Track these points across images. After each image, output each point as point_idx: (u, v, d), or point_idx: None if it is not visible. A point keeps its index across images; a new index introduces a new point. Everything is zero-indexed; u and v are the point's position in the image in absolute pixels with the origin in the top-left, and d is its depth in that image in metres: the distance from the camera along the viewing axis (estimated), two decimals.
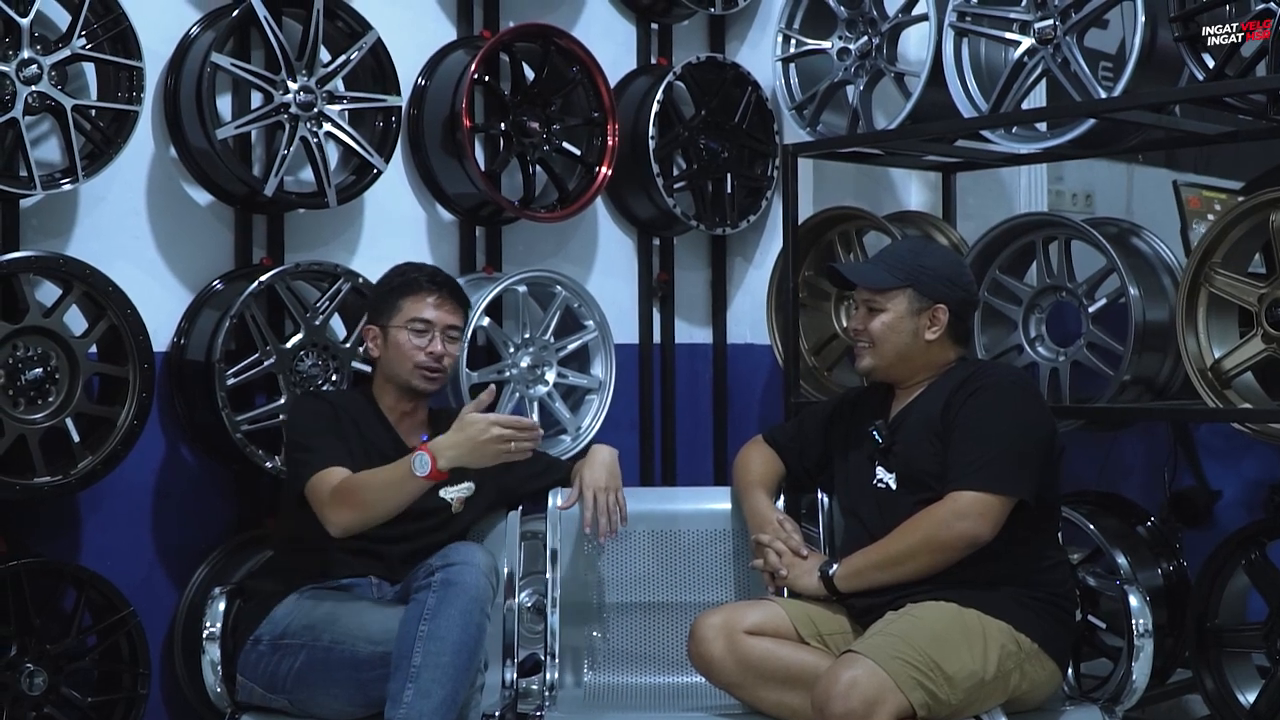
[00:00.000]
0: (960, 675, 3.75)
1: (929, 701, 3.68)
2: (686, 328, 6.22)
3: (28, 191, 4.27)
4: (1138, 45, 4.71)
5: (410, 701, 3.70)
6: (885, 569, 4.01)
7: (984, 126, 5.12)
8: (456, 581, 3.82)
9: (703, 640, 4.05)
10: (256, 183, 4.69)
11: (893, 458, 4.17)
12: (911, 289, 4.19)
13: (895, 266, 4.24)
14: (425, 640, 3.74)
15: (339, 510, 4.00)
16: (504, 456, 3.92)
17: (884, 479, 4.18)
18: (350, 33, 4.87)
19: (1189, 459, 6.30)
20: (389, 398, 4.39)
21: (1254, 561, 4.96)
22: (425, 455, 3.88)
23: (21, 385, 4.26)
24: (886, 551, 4.02)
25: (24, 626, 4.32)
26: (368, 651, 3.86)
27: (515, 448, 3.91)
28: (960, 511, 3.93)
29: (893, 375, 4.28)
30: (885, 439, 4.20)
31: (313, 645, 3.94)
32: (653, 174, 5.64)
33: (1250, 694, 4.98)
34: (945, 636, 3.81)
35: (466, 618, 3.80)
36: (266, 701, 4.04)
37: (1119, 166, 7.32)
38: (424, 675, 3.71)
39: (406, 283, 4.39)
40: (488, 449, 3.89)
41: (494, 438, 3.87)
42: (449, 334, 4.37)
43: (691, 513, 4.66)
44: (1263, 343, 4.57)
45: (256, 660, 4.04)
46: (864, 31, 5.57)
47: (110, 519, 4.70)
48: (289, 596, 4.10)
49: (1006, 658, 3.88)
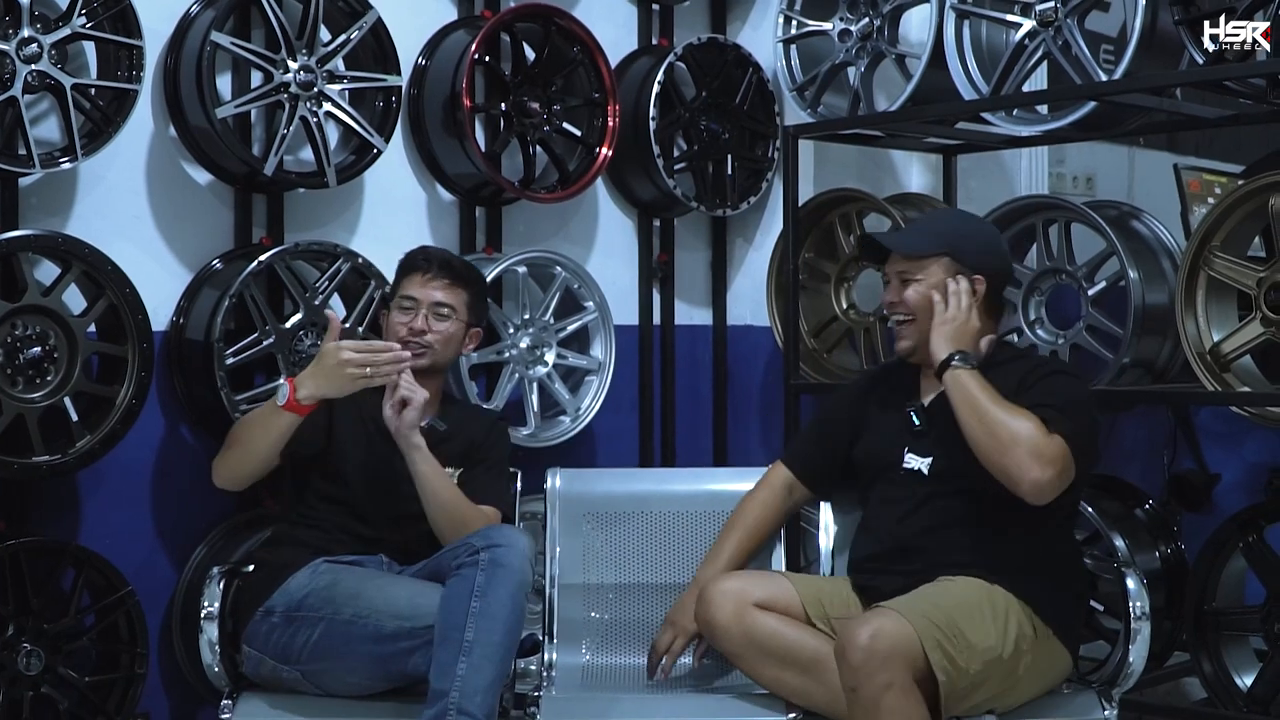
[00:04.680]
0: (981, 646, 3.75)
1: (947, 665, 3.67)
2: (686, 309, 6.21)
3: (27, 170, 4.27)
4: (1138, 28, 4.71)
5: (465, 675, 3.68)
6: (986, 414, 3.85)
7: (985, 109, 5.12)
8: (505, 563, 3.80)
9: (711, 604, 4.04)
10: (256, 162, 4.68)
11: (929, 442, 4.11)
12: (949, 257, 4.12)
13: (931, 233, 4.20)
14: (478, 617, 3.72)
15: (222, 454, 4.16)
16: (363, 382, 3.96)
17: (915, 464, 4.11)
18: (351, 12, 4.86)
19: (1189, 442, 6.31)
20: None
21: (1252, 545, 4.96)
22: (286, 385, 3.95)
23: (20, 364, 4.25)
24: (1000, 409, 3.85)
25: (22, 606, 4.32)
26: (393, 627, 3.84)
27: (372, 373, 3.95)
28: (1056, 449, 3.82)
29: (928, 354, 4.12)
30: (923, 422, 4.14)
31: (333, 618, 3.92)
32: (653, 155, 5.63)
33: (1248, 677, 4.99)
34: (972, 607, 3.82)
35: (515, 600, 3.80)
36: (276, 673, 4.02)
37: (1120, 149, 7.32)
38: (477, 650, 3.70)
39: (408, 262, 4.42)
40: (342, 374, 3.94)
41: (344, 361, 3.92)
42: (436, 310, 4.34)
43: (691, 493, 4.66)
44: (1262, 326, 4.57)
45: (269, 632, 4.02)
46: (865, 13, 5.56)
47: (109, 498, 4.69)
48: (303, 569, 4.08)
49: (1022, 638, 3.88)
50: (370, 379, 3.96)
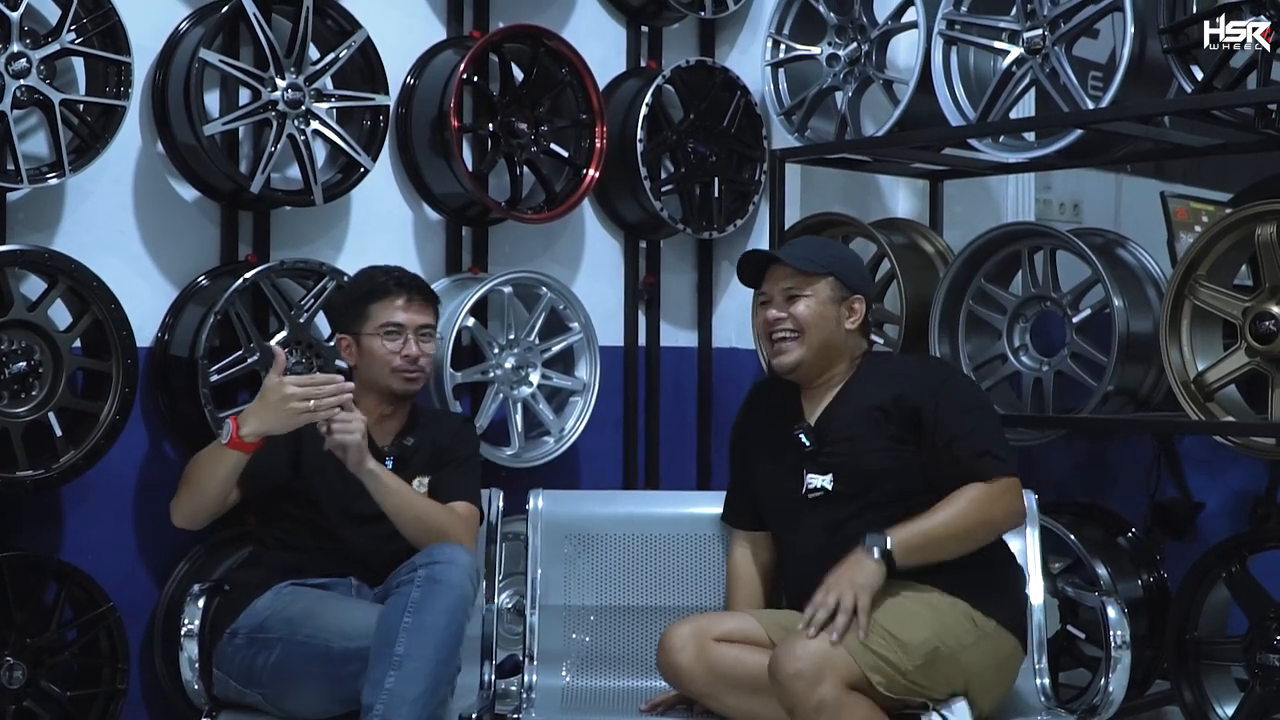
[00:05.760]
0: (915, 642, 3.78)
1: (881, 665, 3.71)
2: (672, 331, 6.21)
3: (14, 185, 4.27)
4: (1126, 56, 4.73)
5: (392, 688, 3.67)
6: (942, 545, 3.92)
7: (971, 135, 5.14)
8: (442, 579, 3.80)
9: (672, 650, 4.03)
10: (243, 179, 4.68)
11: (825, 459, 4.12)
12: (834, 277, 4.17)
13: (817, 254, 4.24)
14: (410, 631, 3.72)
15: (177, 494, 4.14)
16: (306, 417, 3.94)
17: (818, 484, 4.12)
18: (339, 31, 4.87)
19: (1172, 470, 6.31)
20: (368, 402, 4.33)
21: (1235, 575, 4.97)
22: (230, 423, 3.96)
23: (5, 379, 4.25)
24: (944, 526, 3.91)
25: (4, 619, 4.32)
26: (341, 647, 3.83)
27: (315, 406, 3.93)
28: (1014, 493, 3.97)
29: (815, 368, 4.19)
30: (813, 441, 4.15)
31: (289, 639, 3.92)
32: (640, 177, 5.62)
33: (1229, 707, 5.00)
34: (900, 607, 3.85)
35: (451, 615, 3.79)
36: (241, 696, 4.03)
37: (1108, 176, 7.34)
38: (407, 665, 3.69)
39: (374, 288, 4.38)
40: (286, 410, 3.93)
41: (287, 396, 3.91)
42: (421, 334, 4.36)
43: (674, 516, 4.66)
44: (1246, 356, 4.58)
45: (233, 653, 4.03)
46: (853, 38, 5.59)
47: (92, 514, 4.68)
48: (267, 591, 4.09)
49: (964, 634, 3.90)
50: (314, 413, 3.94)
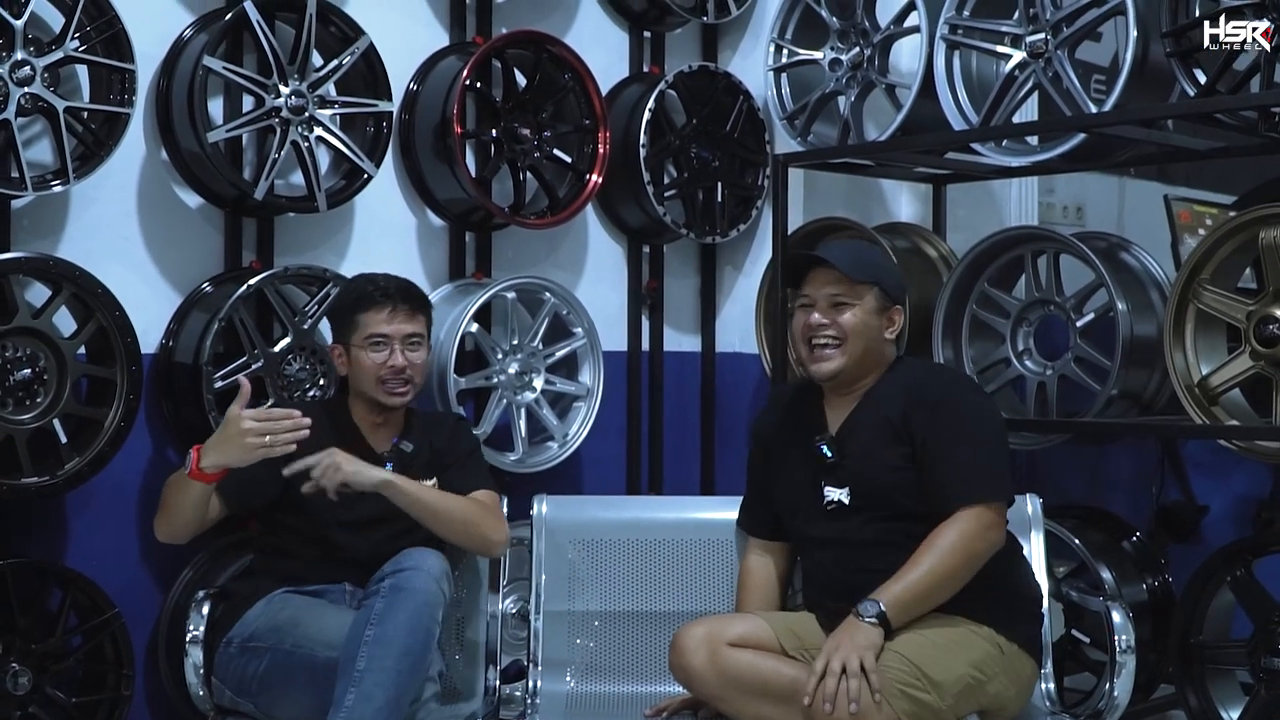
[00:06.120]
0: (948, 681, 3.77)
1: (916, 710, 3.69)
2: (675, 336, 6.22)
3: (19, 192, 4.27)
4: (1129, 60, 4.72)
5: (351, 705, 3.68)
6: (931, 594, 3.89)
7: (974, 139, 5.13)
8: (405, 587, 3.82)
9: (685, 652, 4.01)
10: (247, 186, 4.69)
11: (844, 472, 4.10)
12: (878, 287, 4.14)
13: (864, 262, 4.18)
14: (370, 644, 3.73)
15: (157, 515, 4.18)
16: (264, 451, 3.93)
17: (835, 497, 4.09)
18: (343, 38, 4.87)
19: (1176, 474, 6.31)
20: (360, 410, 4.37)
21: (1239, 579, 4.96)
22: (192, 452, 3.97)
23: (10, 386, 4.26)
24: (929, 576, 3.88)
25: (9, 626, 4.33)
26: (325, 656, 3.84)
27: (271, 441, 3.93)
28: (986, 523, 3.90)
29: (851, 378, 4.16)
30: (835, 453, 4.12)
31: (276, 648, 3.94)
32: (643, 182, 5.63)
33: (1234, 711, 4.98)
34: (933, 645, 3.82)
35: (414, 622, 3.79)
36: (235, 704, 4.04)
37: (1111, 179, 7.34)
38: (367, 679, 3.70)
39: (359, 298, 4.35)
40: (244, 444, 3.93)
41: (246, 430, 3.91)
42: (409, 343, 4.32)
43: (677, 521, 4.65)
44: (1250, 359, 4.57)
45: (227, 662, 4.04)
46: (856, 42, 5.58)
47: (96, 520, 4.69)
48: (261, 600, 4.10)
49: (992, 662, 3.90)
50: (271, 448, 3.93)
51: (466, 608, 4.44)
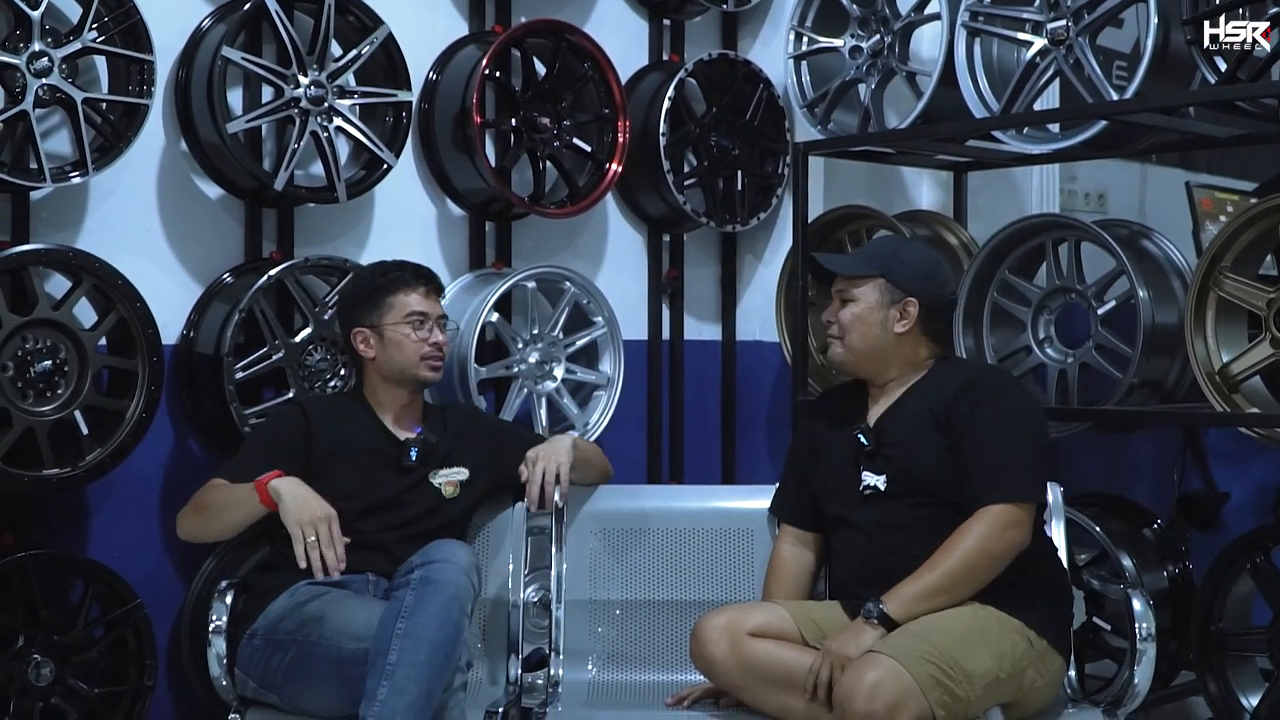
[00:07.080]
0: (979, 673, 3.76)
1: (949, 700, 3.68)
2: (695, 324, 6.22)
3: (38, 184, 4.28)
4: (1150, 48, 4.70)
5: (384, 699, 3.68)
6: (942, 593, 3.91)
7: (995, 127, 5.12)
8: (435, 579, 3.81)
9: (706, 641, 4.03)
10: (267, 177, 4.69)
11: (882, 460, 4.14)
12: (883, 279, 4.19)
13: (871, 257, 4.27)
14: (401, 638, 3.73)
15: (186, 514, 4.23)
16: (298, 539, 4.04)
17: (872, 482, 4.14)
18: (361, 27, 4.87)
19: (1198, 462, 6.30)
20: (386, 394, 4.42)
21: (1259, 566, 4.96)
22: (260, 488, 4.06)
23: (31, 377, 4.27)
24: (942, 576, 3.91)
25: (31, 618, 4.34)
26: (351, 648, 3.84)
27: (310, 543, 4.04)
28: (1006, 522, 3.92)
29: (863, 369, 4.26)
30: (872, 442, 4.17)
31: (302, 640, 3.94)
32: (663, 171, 5.63)
33: (1253, 698, 4.99)
34: (966, 635, 3.82)
35: (444, 615, 3.78)
36: (260, 696, 4.05)
37: (1133, 166, 7.32)
38: (399, 673, 3.70)
39: (391, 281, 4.44)
40: (307, 518, 4.04)
41: (317, 520, 4.05)
42: (441, 322, 4.46)
43: (698, 510, 4.66)
44: (1271, 347, 4.56)
45: (251, 654, 4.05)
46: (876, 30, 5.56)
47: (118, 512, 4.71)
48: (285, 592, 4.10)
49: (1021, 656, 3.90)
50: (303, 541, 4.04)
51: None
